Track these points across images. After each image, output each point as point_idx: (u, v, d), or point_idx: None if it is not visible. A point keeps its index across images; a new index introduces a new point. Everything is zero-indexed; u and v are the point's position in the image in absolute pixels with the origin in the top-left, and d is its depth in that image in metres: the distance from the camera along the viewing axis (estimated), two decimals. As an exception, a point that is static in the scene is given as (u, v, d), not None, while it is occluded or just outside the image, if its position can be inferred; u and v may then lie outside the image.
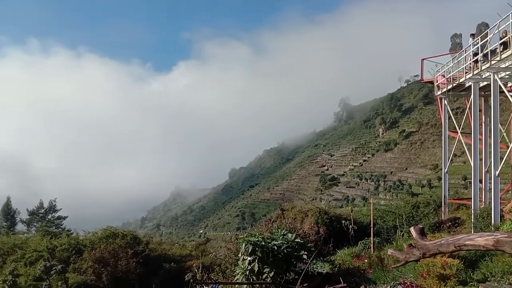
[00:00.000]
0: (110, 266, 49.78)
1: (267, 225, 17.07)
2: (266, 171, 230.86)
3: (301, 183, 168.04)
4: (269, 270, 9.81)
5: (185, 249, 69.86)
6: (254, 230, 14.61)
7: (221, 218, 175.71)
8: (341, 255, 15.56)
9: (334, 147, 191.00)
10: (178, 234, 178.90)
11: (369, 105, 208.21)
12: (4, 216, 75.30)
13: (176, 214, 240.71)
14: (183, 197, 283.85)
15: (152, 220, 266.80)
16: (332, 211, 24.63)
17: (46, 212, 75.29)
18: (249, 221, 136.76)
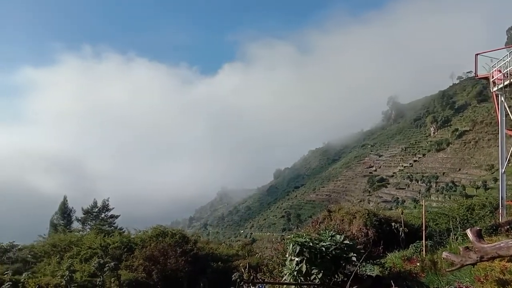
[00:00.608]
0: (160, 264, 51.33)
1: (314, 226, 16.92)
2: (312, 172, 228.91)
3: (348, 184, 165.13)
4: (317, 271, 9.71)
5: (232, 249, 70.69)
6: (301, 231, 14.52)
7: (266, 218, 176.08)
8: (392, 258, 15.12)
9: (383, 147, 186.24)
10: (225, 233, 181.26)
11: (419, 103, 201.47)
12: (61, 214, 79.41)
13: (223, 214, 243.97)
14: (229, 197, 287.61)
15: (199, 219, 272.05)
16: (381, 213, 23.96)
17: (100, 211, 78.68)
18: (295, 222, 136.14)
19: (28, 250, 62.63)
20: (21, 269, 55.11)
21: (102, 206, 78.93)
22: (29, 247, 64.38)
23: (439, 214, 26.32)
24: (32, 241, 69.79)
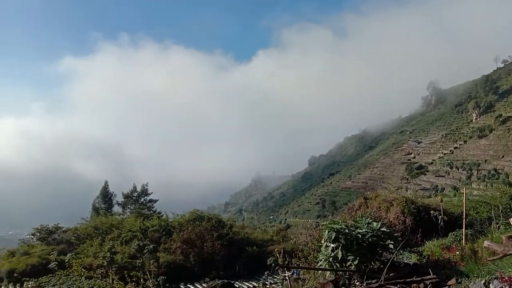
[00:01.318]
0: (197, 247, 52.62)
1: (350, 213, 16.83)
2: (347, 159, 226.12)
3: (385, 172, 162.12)
4: (353, 258, 9.70)
5: (267, 234, 71.33)
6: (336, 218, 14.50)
7: (301, 205, 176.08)
8: (430, 247, 14.86)
9: (422, 133, 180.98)
10: (259, 219, 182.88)
11: (461, 88, 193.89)
12: (102, 198, 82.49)
13: (257, 200, 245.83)
14: (263, 183, 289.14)
15: (234, 205, 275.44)
16: (419, 200, 23.48)
17: (139, 195, 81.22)
18: (330, 209, 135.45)
19: (72, 232, 65.66)
20: (66, 250, 57.95)
21: (141, 191, 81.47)
22: (73, 229, 67.48)
23: (480, 202, 25.55)
24: (75, 224, 73.05)
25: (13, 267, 51.41)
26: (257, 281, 49.44)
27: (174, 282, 46.72)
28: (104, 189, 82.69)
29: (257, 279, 50.63)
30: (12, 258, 55.78)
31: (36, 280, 48.08)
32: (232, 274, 52.20)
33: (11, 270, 50.90)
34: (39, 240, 63.31)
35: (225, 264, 54.07)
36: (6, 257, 57.82)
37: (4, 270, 51.64)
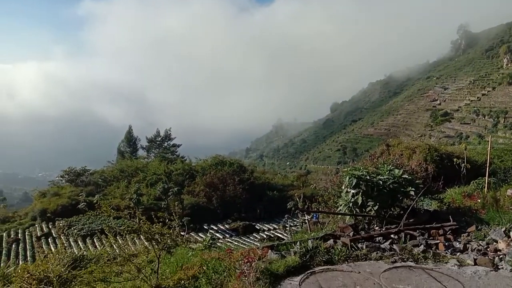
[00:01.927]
0: (219, 191, 54.25)
1: (371, 160, 16.81)
2: (371, 105, 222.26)
3: (409, 119, 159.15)
4: (373, 203, 9.78)
5: (287, 179, 72.71)
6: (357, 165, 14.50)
7: (321, 151, 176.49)
8: (451, 194, 14.82)
9: (449, 79, 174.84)
10: (280, 165, 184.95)
11: (493, 32, 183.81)
12: (127, 142, 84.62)
13: (278, 146, 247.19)
14: (284, 130, 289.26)
15: (255, 151, 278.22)
16: (442, 148, 23.14)
17: (163, 140, 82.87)
18: (351, 156, 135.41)
19: (99, 175, 68.30)
20: (94, 191, 60.61)
21: (165, 136, 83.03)
22: (100, 172, 70.13)
23: (505, 150, 25.03)
24: (101, 166, 75.78)
25: (45, 207, 54.36)
26: (277, 224, 51.08)
27: (197, 223, 48.75)
28: (128, 133, 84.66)
29: (277, 222, 52.28)
30: (44, 199, 58.85)
31: (67, 220, 50.87)
32: (253, 217, 54.00)
33: (43, 209, 53.85)
34: (68, 182, 66.29)
35: (246, 207, 55.80)
36: (38, 198, 61.03)
37: (37, 209, 54.68)
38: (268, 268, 6.67)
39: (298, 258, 7.19)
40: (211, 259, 8.00)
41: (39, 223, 52.04)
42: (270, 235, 44.80)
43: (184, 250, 10.21)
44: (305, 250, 7.51)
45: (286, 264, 6.92)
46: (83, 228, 48.10)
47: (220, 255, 8.11)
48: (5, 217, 56.11)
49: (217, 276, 7.19)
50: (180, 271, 8.24)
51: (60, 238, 46.94)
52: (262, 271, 6.44)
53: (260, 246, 7.87)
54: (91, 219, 49.68)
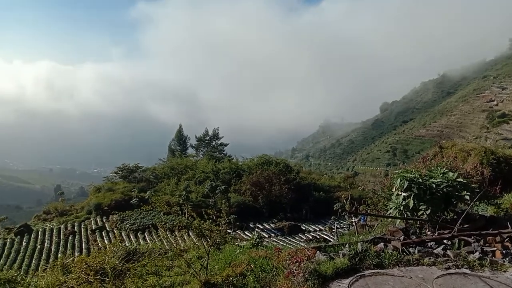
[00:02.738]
0: (265, 190, 54.50)
1: (424, 162, 16.23)
2: (423, 106, 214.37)
3: (464, 120, 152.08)
4: (426, 207, 9.48)
5: (334, 180, 71.81)
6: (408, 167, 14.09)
7: (370, 153, 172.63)
8: (509, 199, 14.07)
9: (507, 79, 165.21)
10: (326, 165, 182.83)
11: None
12: (177, 141, 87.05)
13: (325, 146, 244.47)
14: (331, 130, 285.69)
15: (301, 151, 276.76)
16: (500, 151, 21.94)
17: (211, 139, 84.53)
18: (401, 158, 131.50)
19: (151, 172, 70.71)
20: (145, 187, 62.82)
21: (213, 135, 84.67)
22: (151, 169, 72.59)
23: None
24: (153, 164, 78.43)
25: (99, 202, 57.02)
26: (323, 225, 50.58)
27: (244, 221, 49.26)
28: (179, 132, 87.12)
29: (323, 223, 51.78)
30: (99, 194, 61.74)
31: (120, 214, 53.09)
32: (299, 217, 53.82)
33: (98, 204, 56.52)
34: (121, 178, 69.16)
35: (292, 207, 55.71)
36: (94, 193, 64.12)
37: (92, 204, 57.48)
38: (317, 269, 6.66)
39: (347, 260, 7.12)
40: (258, 258, 8.10)
41: (94, 216, 54.64)
42: (316, 236, 44.45)
43: (232, 247, 10.41)
44: (354, 252, 7.42)
45: (334, 266, 6.88)
46: (135, 222, 49.98)
47: (268, 254, 8.19)
48: (63, 210, 59.37)
49: (264, 274, 7.27)
50: (228, 268, 8.41)
51: (113, 232, 49.03)
52: (310, 272, 6.45)
53: (308, 247, 7.87)
54: (142, 214, 51.55)
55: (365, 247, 7.64)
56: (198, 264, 9.02)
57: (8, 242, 46.08)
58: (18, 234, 47.98)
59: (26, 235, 48.00)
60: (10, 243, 45.75)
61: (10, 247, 44.75)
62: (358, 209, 17.62)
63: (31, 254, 43.32)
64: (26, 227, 50.29)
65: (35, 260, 41.90)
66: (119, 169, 69.50)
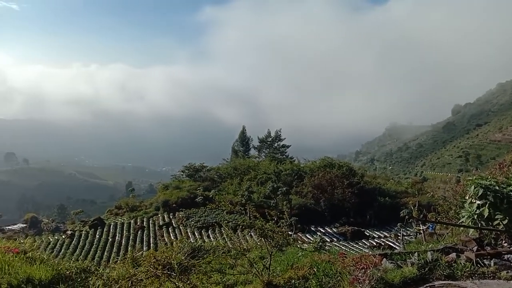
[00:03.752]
0: (327, 193, 53.73)
1: (500, 168, 15.15)
2: (499, 108, 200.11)
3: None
4: (502, 217, 8.85)
5: (401, 186, 69.10)
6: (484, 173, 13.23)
7: (440, 157, 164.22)
8: None
9: None
10: (393, 170, 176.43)
11: None
12: (240, 142, 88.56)
13: (391, 150, 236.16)
14: (398, 133, 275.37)
15: (366, 154, 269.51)
16: None
17: (273, 140, 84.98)
18: (474, 164, 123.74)
19: (215, 171, 72.54)
20: (210, 186, 64.52)
21: (275, 136, 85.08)
22: (216, 169, 74.46)
23: None
24: (217, 164, 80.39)
25: (167, 199, 59.44)
26: (389, 232, 48.83)
27: (305, 223, 48.92)
28: (242, 133, 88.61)
29: (388, 230, 49.99)
30: (166, 191, 64.36)
31: (185, 211, 54.96)
32: (363, 222, 52.39)
33: (165, 201, 58.93)
34: (187, 177, 71.63)
35: (355, 211, 54.38)
36: (162, 190, 66.96)
37: (160, 200, 60.03)
38: (383, 277, 6.46)
39: (415, 269, 6.83)
40: (321, 262, 8.02)
41: (161, 213, 57.04)
42: (380, 242, 43.00)
43: (294, 249, 10.39)
44: (423, 261, 7.10)
45: (402, 275, 6.63)
46: (200, 220, 51.48)
47: (331, 258, 8.09)
48: (133, 206, 62.54)
49: (327, 279, 7.18)
50: (290, 270, 8.41)
51: (179, 228, 50.86)
52: (377, 280, 6.27)
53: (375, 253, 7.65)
54: (207, 212, 53.00)
55: (435, 256, 7.28)
56: (260, 264, 9.11)
57: (83, 234, 49.44)
58: (92, 227, 51.29)
59: (99, 228, 51.18)
60: (85, 235, 49.06)
61: (85, 239, 47.99)
62: (426, 217, 16.86)
63: (103, 246, 46.12)
64: (100, 221, 53.62)
65: (106, 252, 44.55)
66: (186, 168, 72.04)
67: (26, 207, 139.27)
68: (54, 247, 45.65)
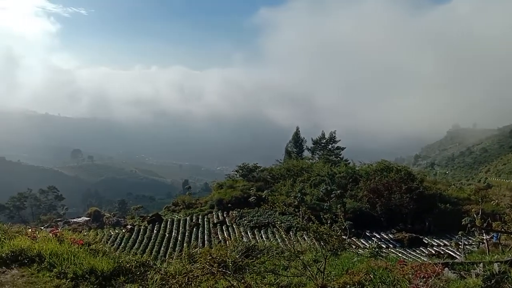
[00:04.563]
0: (384, 198, 52.12)
1: None
2: None
3: None
4: None
5: (463, 192, 65.53)
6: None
7: (506, 163, 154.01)
8: None
9: None
10: (454, 175, 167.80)
11: None
12: (294, 143, 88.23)
13: (453, 154, 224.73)
14: (461, 137, 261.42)
15: (425, 158, 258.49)
16: None
17: (327, 142, 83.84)
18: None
19: (268, 172, 72.82)
20: (262, 187, 64.89)
21: (329, 138, 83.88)
22: (269, 169, 74.74)
23: None
24: (270, 164, 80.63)
25: (221, 197, 60.54)
26: (449, 240, 46.51)
27: (359, 228, 47.73)
28: (295, 134, 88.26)
29: (448, 238, 47.61)
30: (221, 190, 65.56)
31: (239, 210, 55.69)
32: (421, 229, 50.28)
33: (219, 199, 60.06)
34: (241, 176, 72.51)
35: (413, 218, 52.29)
36: (216, 189, 68.31)
37: (214, 199, 61.28)
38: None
39: (480, 281, 6.46)
40: (378, 268, 7.81)
41: (215, 211, 58.17)
42: (439, 251, 41.09)
43: (349, 254, 10.20)
44: (489, 273, 6.70)
45: (466, 286, 6.30)
46: (253, 219, 51.92)
47: (389, 265, 7.85)
48: (189, 203, 64.28)
49: (385, 286, 6.98)
50: (345, 275, 8.26)
51: (233, 227, 51.61)
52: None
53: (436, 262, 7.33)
54: (259, 212, 53.37)
55: (503, 268, 6.85)
56: (314, 268, 9.02)
57: (142, 229, 51.55)
58: (150, 222, 53.36)
59: (157, 223, 53.12)
60: (144, 230, 51.12)
61: (144, 234, 50.01)
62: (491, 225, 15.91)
63: (161, 242, 47.80)
64: (158, 217, 55.65)
65: (163, 247, 46.14)
66: (240, 168, 72.95)
67: (90, 201, 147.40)
68: (115, 240, 48.01)
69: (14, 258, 8.62)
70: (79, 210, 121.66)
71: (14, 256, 8.64)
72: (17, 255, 8.67)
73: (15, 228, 10.73)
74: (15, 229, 10.67)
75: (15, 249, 8.75)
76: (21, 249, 8.77)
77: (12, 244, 8.92)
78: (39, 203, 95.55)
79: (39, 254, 8.69)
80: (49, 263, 8.38)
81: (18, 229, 10.66)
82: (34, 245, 9.01)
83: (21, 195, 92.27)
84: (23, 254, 8.70)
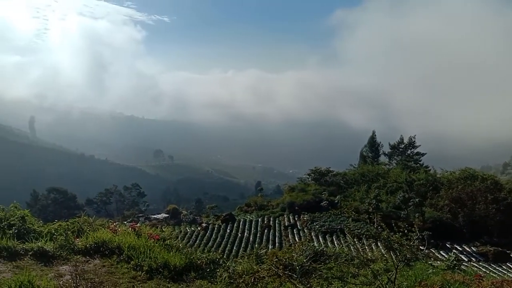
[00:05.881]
0: (467, 208, 48.70)
1: None
2: None
3: None
4: None
5: None
6: None
7: None
8: None
9: None
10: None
11: None
12: (370, 147, 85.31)
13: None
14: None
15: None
16: None
17: (406, 147, 79.92)
18: None
19: (341, 176, 71.37)
20: (335, 191, 63.75)
21: (409, 143, 79.86)
22: (342, 174, 73.22)
23: None
24: (344, 169, 78.85)
25: (292, 200, 60.51)
26: (541, 257, 42.14)
27: (439, 239, 45.04)
28: (371, 138, 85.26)
29: (541, 254, 43.15)
30: (292, 193, 65.54)
31: (310, 214, 55.26)
32: (509, 243, 46.18)
33: (291, 202, 60.06)
34: (313, 180, 71.84)
35: (500, 230, 48.22)
36: (288, 191, 68.40)
37: (286, 202, 61.39)
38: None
39: None
40: (454, 282, 7.35)
41: (287, 214, 58.24)
42: (530, 268, 37.50)
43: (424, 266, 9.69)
44: None
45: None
46: (324, 224, 51.22)
47: (466, 279, 7.35)
48: (261, 205, 65.03)
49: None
50: (418, 286, 7.87)
51: (304, 231, 51.34)
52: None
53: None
54: (331, 217, 52.51)
55: None
56: (385, 277, 8.69)
57: (216, 227, 53.18)
58: (224, 221, 54.86)
59: (230, 223, 54.47)
60: (217, 229, 52.69)
61: (217, 232, 51.56)
62: None
63: (233, 241, 48.96)
64: (231, 216, 57.04)
65: (235, 246, 47.21)
66: (312, 171, 72.30)
67: (169, 199, 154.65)
68: (190, 237, 50.07)
69: (97, 249, 9.44)
70: (159, 207, 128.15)
71: (96, 247, 9.46)
72: (99, 246, 9.48)
73: (99, 222, 11.68)
74: (99, 222, 11.62)
75: (98, 241, 9.57)
76: (103, 241, 9.57)
77: (95, 236, 9.75)
78: (123, 199, 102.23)
79: (119, 247, 9.40)
80: (127, 256, 9.01)
81: (101, 222, 11.60)
82: (114, 238, 9.76)
83: (107, 191, 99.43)
84: (104, 245, 9.49)
